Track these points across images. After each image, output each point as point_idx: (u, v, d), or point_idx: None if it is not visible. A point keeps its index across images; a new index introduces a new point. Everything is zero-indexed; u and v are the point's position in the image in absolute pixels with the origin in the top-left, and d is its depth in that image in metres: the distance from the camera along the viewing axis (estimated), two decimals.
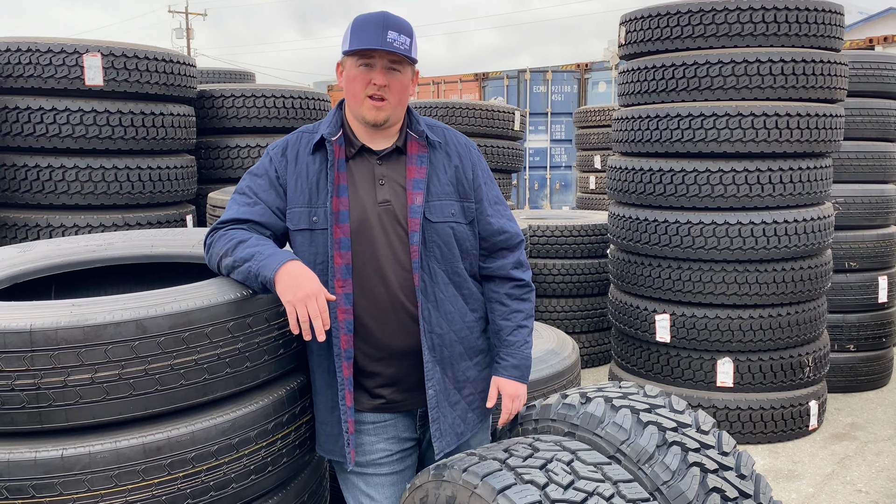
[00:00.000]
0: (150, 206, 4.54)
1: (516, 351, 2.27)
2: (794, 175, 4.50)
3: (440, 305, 2.19)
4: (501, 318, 2.29)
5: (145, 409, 1.90)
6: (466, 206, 2.24)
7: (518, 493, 1.70)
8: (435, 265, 2.18)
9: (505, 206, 2.35)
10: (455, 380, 2.24)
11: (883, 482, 4.21)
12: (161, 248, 2.70)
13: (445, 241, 2.19)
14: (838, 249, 5.53)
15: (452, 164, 2.23)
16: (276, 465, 2.14)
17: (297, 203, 2.15)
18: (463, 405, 2.27)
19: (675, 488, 1.85)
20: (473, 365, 2.29)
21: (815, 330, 4.78)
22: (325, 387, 2.20)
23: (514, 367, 2.27)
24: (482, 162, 2.33)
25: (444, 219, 2.19)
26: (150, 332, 1.88)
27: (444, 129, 2.30)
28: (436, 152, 2.22)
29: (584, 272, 6.20)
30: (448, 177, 2.22)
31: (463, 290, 2.25)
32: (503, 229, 2.30)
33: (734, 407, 4.63)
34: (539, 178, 15.72)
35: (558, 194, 15.70)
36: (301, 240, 2.15)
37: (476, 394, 2.31)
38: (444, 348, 2.20)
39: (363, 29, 2.08)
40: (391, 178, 2.17)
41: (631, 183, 4.82)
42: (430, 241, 2.17)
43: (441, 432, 2.19)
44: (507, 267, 2.30)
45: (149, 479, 1.89)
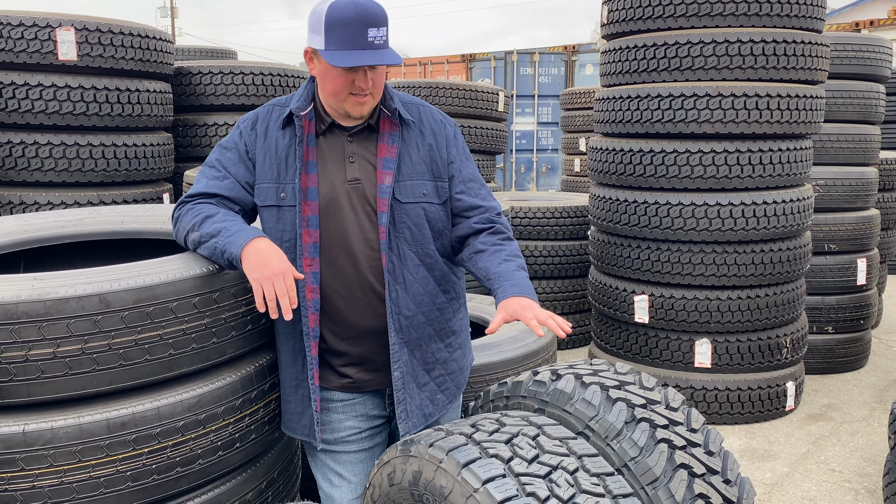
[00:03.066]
0: (126, 184, 4.49)
1: (509, 275, 2.08)
2: (774, 156, 4.50)
3: (409, 287, 2.16)
4: (482, 260, 2.14)
5: (109, 384, 1.88)
6: (440, 185, 2.20)
7: (482, 467, 1.70)
8: (405, 246, 2.15)
9: (481, 185, 2.28)
10: (424, 361, 2.22)
11: (856, 462, 4.26)
12: (131, 225, 2.67)
13: (416, 223, 2.15)
14: (818, 231, 5.55)
15: (426, 143, 2.18)
16: (244, 441, 2.13)
17: (266, 179, 2.12)
18: (432, 386, 2.25)
19: (643, 464, 1.85)
20: (444, 347, 2.27)
21: (794, 311, 4.80)
22: (289, 365, 2.19)
23: (512, 286, 2.04)
24: (458, 139, 2.27)
25: (415, 199, 2.15)
26: (113, 307, 1.85)
27: (419, 105, 2.24)
28: (409, 130, 2.17)
29: (565, 254, 6.21)
30: (421, 155, 2.17)
31: (435, 271, 2.21)
32: (473, 205, 2.23)
33: (712, 388, 4.66)
34: (525, 161, 15.69)
35: (545, 177, 15.68)
36: (268, 216, 2.13)
37: (446, 375, 2.29)
38: (412, 330, 2.17)
39: (341, 30, 1.96)
40: (362, 155, 2.14)
41: (611, 164, 4.81)
42: (399, 221, 2.13)
43: (407, 413, 2.18)
44: (471, 223, 2.21)
45: (113, 455, 1.87)
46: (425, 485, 1.79)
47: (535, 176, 15.66)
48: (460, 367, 2.34)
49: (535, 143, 15.57)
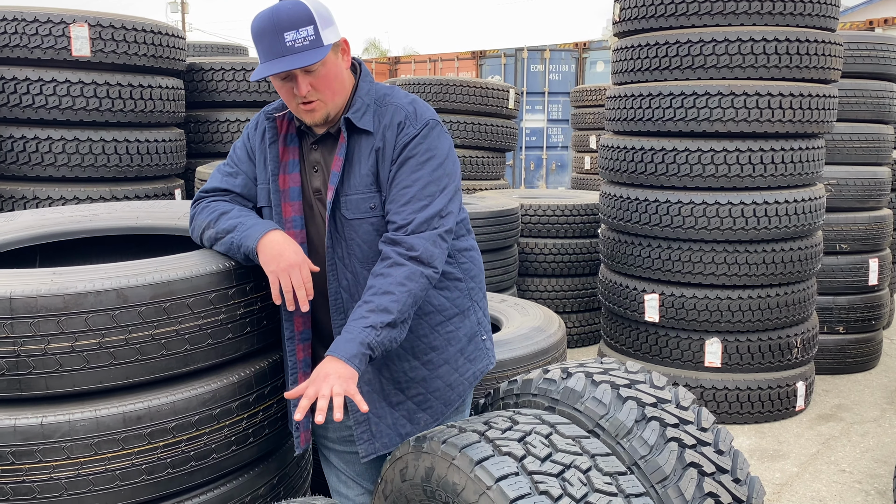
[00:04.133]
0: (139, 180, 4.52)
1: (347, 327, 1.88)
2: (786, 156, 4.49)
3: None
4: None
5: (126, 378, 1.90)
6: (383, 196, 2.02)
7: (495, 465, 1.71)
8: (356, 264, 2.03)
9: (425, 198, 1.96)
10: (394, 381, 2.10)
11: (867, 463, 4.25)
12: (146, 221, 2.69)
13: (365, 239, 2.01)
14: (830, 231, 5.53)
15: (373, 149, 2.00)
16: (257, 436, 2.15)
17: (262, 179, 2.12)
18: (409, 405, 2.12)
19: (653, 462, 1.86)
20: (421, 365, 2.11)
21: (805, 311, 4.79)
22: (290, 367, 2.14)
23: (334, 343, 1.86)
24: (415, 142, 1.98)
25: (361, 215, 2.01)
26: (130, 302, 1.87)
27: (391, 108, 2.03)
28: (364, 139, 2.01)
29: (575, 252, 6.21)
30: (369, 166, 2.00)
31: None
32: (390, 220, 1.98)
33: (721, 387, 4.65)
34: (535, 159, 15.67)
35: (554, 175, 15.66)
36: (266, 216, 2.12)
37: (428, 393, 2.13)
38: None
39: (260, 41, 1.89)
40: (323, 165, 2.06)
41: (622, 162, 4.81)
42: (349, 238, 2.02)
43: (372, 434, 2.08)
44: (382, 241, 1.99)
45: (129, 448, 1.89)
46: (438, 481, 1.81)
47: (545, 173, 15.64)
48: (449, 383, 2.16)
49: (545, 141, 15.55)
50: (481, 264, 2.28)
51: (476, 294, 2.23)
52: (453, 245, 2.14)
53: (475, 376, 2.24)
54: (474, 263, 2.23)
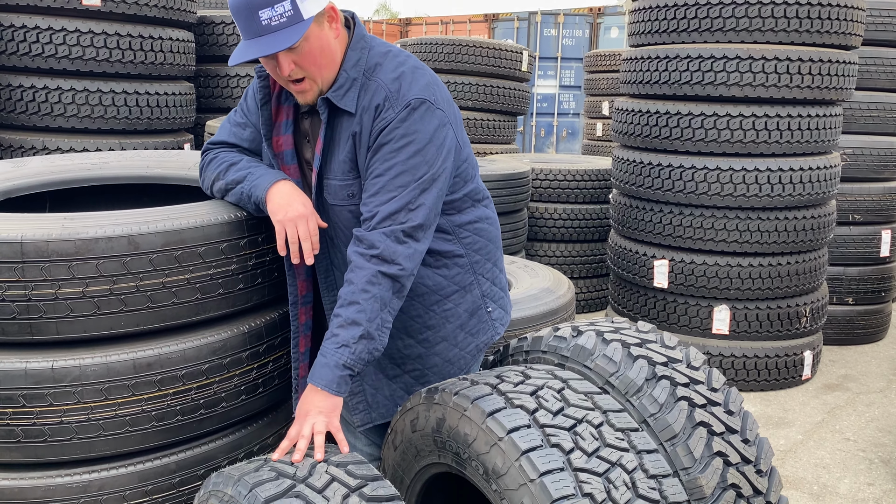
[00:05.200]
0: (148, 133, 4.49)
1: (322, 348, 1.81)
2: (803, 122, 4.43)
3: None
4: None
5: (136, 325, 1.90)
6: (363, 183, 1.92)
7: (507, 417, 1.71)
8: (342, 246, 1.99)
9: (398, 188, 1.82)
10: (390, 356, 2.07)
11: (872, 432, 4.25)
12: (157, 170, 2.67)
13: (347, 225, 1.96)
14: (843, 201, 5.48)
15: (350, 132, 1.88)
16: (266, 387, 2.15)
17: (265, 135, 2.05)
18: (407, 379, 2.10)
19: (662, 420, 1.85)
20: (417, 343, 2.07)
21: (815, 281, 4.77)
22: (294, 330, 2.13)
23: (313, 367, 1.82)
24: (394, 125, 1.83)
25: (341, 202, 1.94)
26: (142, 249, 1.86)
27: (374, 84, 1.87)
28: (345, 120, 1.88)
29: (585, 217, 6.17)
30: (347, 150, 1.89)
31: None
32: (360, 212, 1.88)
33: (728, 354, 4.65)
34: (546, 125, 15.54)
35: (565, 142, 15.53)
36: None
37: (425, 369, 2.09)
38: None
39: (237, 19, 1.77)
40: (313, 137, 1.98)
41: (636, 126, 4.75)
42: (333, 222, 1.97)
43: (367, 405, 2.09)
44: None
45: (139, 395, 1.89)
46: (449, 432, 1.81)
47: (555, 140, 15.53)
48: (447, 359, 2.11)
49: (556, 107, 15.40)
50: (492, 234, 2.14)
51: (482, 267, 2.11)
52: (452, 221, 2.03)
53: (478, 349, 2.19)
54: (480, 235, 2.09)
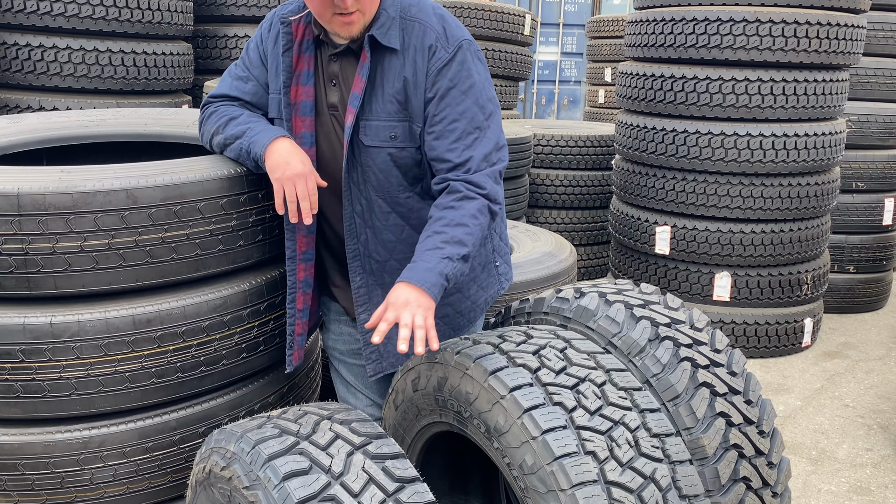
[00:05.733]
0: (145, 94, 4.43)
1: (419, 255, 1.80)
2: (809, 87, 4.37)
3: (379, 233, 1.99)
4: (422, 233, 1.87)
5: (136, 280, 1.88)
6: (415, 128, 1.90)
7: (509, 375, 1.70)
8: (371, 192, 1.95)
9: (468, 130, 1.87)
10: None
11: (870, 399, 4.27)
12: (155, 128, 2.63)
13: (382, 168, 1.92)
14: (847, 169, 5.44)
15: (402, 76, 1.87)
16: (268, 345, 2.14)
17: (273, 89, 2.01)
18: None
19: (665, 381, 1.84)
20: None
21: (817, 248, 4.75)
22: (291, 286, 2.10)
23: (408, 270, 1.78)
24: (452, 70, 1.86)
25: (380, 143, 1.90)
26: (140, 203, 1.83)
27: (420, 25, 1.88)
28: (391, 59, 1.87)
29: (586, 184, 6.12)
30: (395, 91, 1.87)
31: (411, 220, 1.99)
32: (442, 157, 1.88)
33: (729, 321, 4.65)
34: (547, 93, 15.39)
35: (566, 110, 15.40)
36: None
37: (437, 319, 1.97)
38: (385, 274, 2.02)
39: None
40: (343, 81, 1.93)
41: (641, 90, 4.70)
42: (365, 165, 1.93)
43: (380, 355, 2.07)
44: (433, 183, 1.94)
45: (139, 351, 1.88)
46: (450, 391, 1.80)
47: (557, 108, 15.39)
48: (459, 310, 2.13)
49: (557, 74, 15.25)
50: (503, 190, 2.16)
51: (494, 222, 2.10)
52: None
53: (486, 302, 2.21)
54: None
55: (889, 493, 3.34)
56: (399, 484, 1.51)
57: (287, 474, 1.47)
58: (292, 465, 1.49)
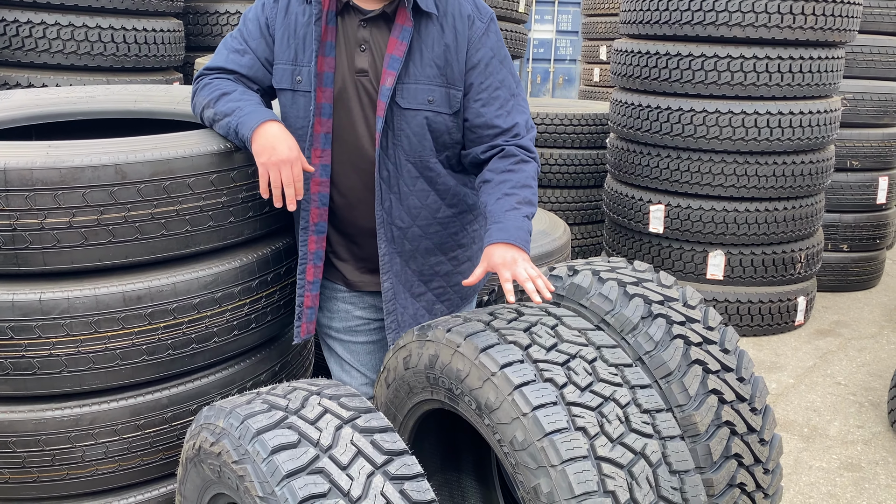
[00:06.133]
0: (136, 71, 4.38)
1: (500, 216, 1.90)
2: (804, 65, 4.35)
3: (404, 199, 2.03)
4: (484, 195, 1.98)
5: (125, 257, 1.87)
6: (453, 93, 1.97)
7: (500, 352, 1.69)
8: (402, 156, 1.99)
9: (510, 95, 2.01)
10: (420, 273, 2.12)
11: (863, 376, 4.29)
12: (144, 104, 2.61)
13: (416, 132, 1.97)
14: (841, 147, 5.43)
15: (443, 42, 1.94)
16: (259, 322, 2.13)
17: (283, 59, 2.00)
18: (430, 296, 2.16)
19: (658, 358, 1.84)
20: (447, 260, 2.15)
21: (811, 227, 4.75)
22: (301, 256, 2.12)
23: (499, 231, 1.88)
24: (489, 39, 1.98)
25: (417, 106, 1.95)
26: (129, 179, 1.82)
27: None
28: (428, 24, 1.94)
29: (580, 163, 6.09)
30: (434, 55, 1.94)
31: (437, 185, 2.05)
32: (491, 123, 1.99)
33: (722, 299, 4.65)
34: (542, 72, 15.31)
35: (561, 89, 15.33)
36: (284, 100, 2.03)
37: (448, 287, 2.18)
38: (405, 241, 2.07)
39: None
40: (373, 45, 1.96)
41: (636, 67, 4.67)
42: (398, 128, 1.96)
43: (398, 324, 2.11)
44: (479, 152, 2.04)
45: (129, 328, 1.87)
46: (441, 368, 1.79)
47: (552, 87, 15.33)
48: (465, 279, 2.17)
49: (552, 53, 15.17)
50: None
51: None
52: None
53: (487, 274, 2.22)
54: None
55: (879, 470, 3.37)
56: (387, 456, 1.51)
57: (275, 448, 1.47)
58: (281, 439, 1.49)
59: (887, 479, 3.31)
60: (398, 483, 1.50)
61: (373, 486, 1.47)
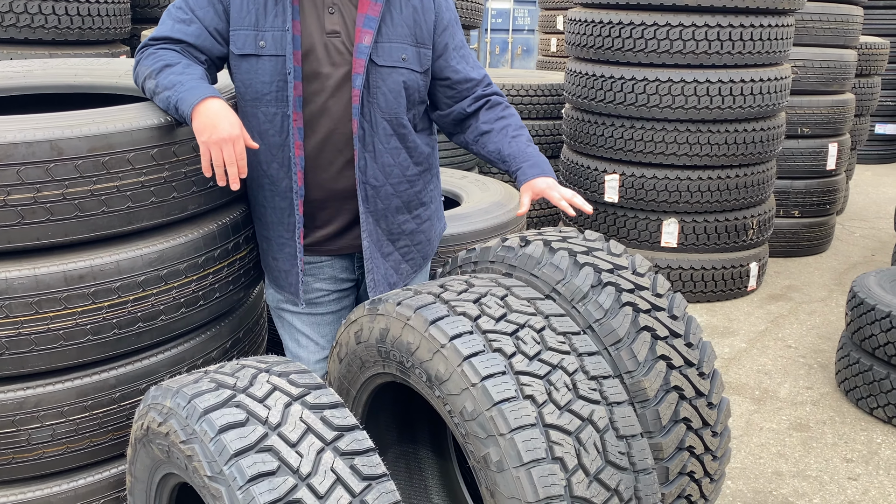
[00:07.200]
0: (79, 44, 4.25)
1: (523, 155, 2.14)
2: (755, 32, 4.39)
3: (378, 157, 2.08)
4: (491, 143, 2.18)
5: (65, 235, 1.81)
6: (423, 52, 2.08)
7: (450, 324, 1.69)
8: (377, 114, 2.05)
9: (468, 50, 2.21)
10: (389, 232, 2.18)
11: (812, 339, 4.40)
12: (86, 78, 2.53)
13: (392, 89, 2.04)
14: (792, 114, 5.51)
15: (410, 4, 2.05)
16: (207, 299, 2.10)
17: (243, 25, 1.98)
18: (396, 256, 2.22)
19: (607, 325, 1.86)
20: (412, 218, 2.23)
21: (763, 193, 4.83)
22: (276, 223, 2.13)
23: (531, 167, 2.12)
24: (450, 3, 2.15)
25: (392, 63, 2.03)
26: (66, 155, 1.76)
27: None
28: None
29: (537, 133, 6.10)
30: (404, 17, 2.04)
31: (407, 142, 2.13)
32: (468, 77, 2.18)
33: (676, 266, 4.72)
34: (500, 42, 15.24)
35: (520, 59, 15.29)
36: (246, 66, 2.01)
37: (412, 246, 2.26)
38: (378, 200, 2.12)
39: None
40: (342, 7, 2.01)
41: (588, 37, 4.66)
42: (374, 86, 2.02)
43: (375, 282, 2.17)
44: (465, 106, 2.20)
45: (72, 308, 1.83)
46: (392, 341, 1.79)
47: (510, 58, 15.27)
48: (428, 237, 2.31)
49: (510, 23, 15.09)
50: None
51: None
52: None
53: (438, 235, 2.38)
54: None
55: (826, 429, 3.47)
56: (338, 432, 1.51)
57: (223, 427, 1.46)
58: (228, 418, 1.47)
59: (833, 437, 3.41)
60: (348, 458, 1.50)
61: (322, 462, 1.47)
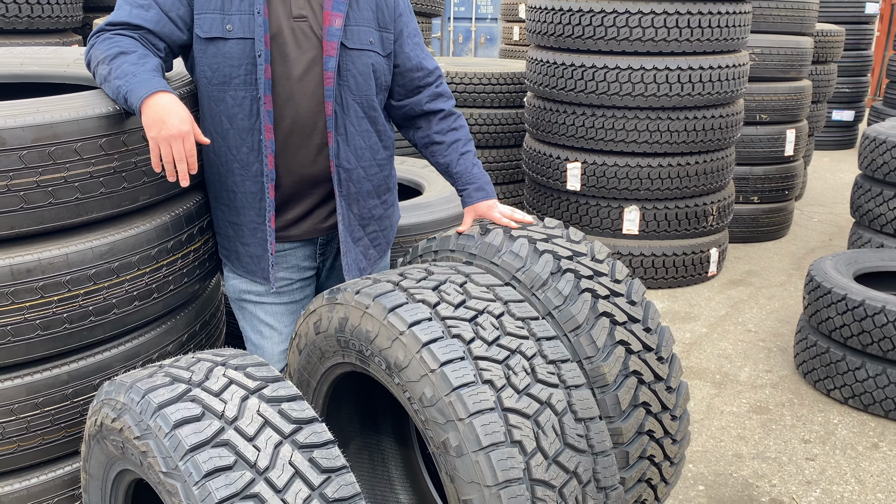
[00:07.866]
0: (29, 33, 4.14)
1: (469, 176, 2.21)
2: (713, 20, 4.43)
3: (350, 139, 2.10)
4: (441, 156, 2.23)
5: (11, 228, 1.76)
6: (385, 36, 2.11)
7: (408, 311, 1.68)
8: (349, 96, 2.06)
9: (421, 39, 2.23)
10: (360, 217, 2.20)
11: (771, 323, 4.47)
12: (32, 67, 2.45)
13: (361, 71, 2.07)
14: (750, 101, 5.57)
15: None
16: (161, 291, 2.05)
17: (208, 8, 1.96)
18: (365, 241, 2.24)
19: (567, 312, 1.86)
20: (380, 203, 2.25)
21: (722, 180, 4.88)
22: (246, 207, 2.10)
23: (477, 190, 2.20)
24: None
25: (361, 46, 2.06)
26: (9, 145, 1.71)
27: None
28: None
29: (500, 122, 6.08)
30: (367, 2, 2.08)
31: (378, 125, 2.16)
32: (421, 65, 2.19)
33: (638, 253, 4.76)
34: (464, 31, 15.20)
35: (483, 48, 15.26)
36: (213, 51, 1.98)
37: (379, 231, 2.27)
38: (350, 184, 2.13)
39: None
40: None
41: (548, 24, 4.67)
42: (344, 69, 2.04)
43: (348, 267, 2.18)
44: (422, 102, 2.21)
45: (19, 303, 1.77)
46: (351, 330, 1.77)
47: (474, 47, 15.24)
48: (391, 223, 2.34)
49: (473, 11, 15.05)
50: None
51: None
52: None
53: (397, 222, 2.41)
54: None
55: (785, 411, 3.53)
56: (296, 425, 1.49)
57: (178, 422, 1.43)
58: (183, 413, 1.45)
59: (792, 419, 3.47)
60: (307, 451, 1.48)
61: (280, 456, 1.44)
